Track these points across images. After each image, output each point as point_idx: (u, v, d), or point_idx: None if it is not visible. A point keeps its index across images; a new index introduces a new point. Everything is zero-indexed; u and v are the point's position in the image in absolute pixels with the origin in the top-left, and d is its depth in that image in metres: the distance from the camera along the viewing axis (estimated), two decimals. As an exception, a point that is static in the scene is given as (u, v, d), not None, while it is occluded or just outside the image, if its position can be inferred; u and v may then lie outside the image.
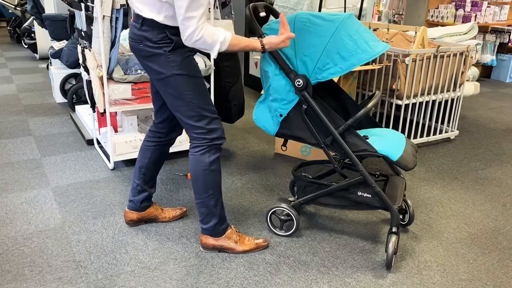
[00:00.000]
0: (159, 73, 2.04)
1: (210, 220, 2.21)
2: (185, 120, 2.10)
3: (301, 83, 2.13)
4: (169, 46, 1.98)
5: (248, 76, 5.62)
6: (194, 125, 2.09)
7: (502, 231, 2.59)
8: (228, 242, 2.26)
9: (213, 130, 2.11)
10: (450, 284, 2.13)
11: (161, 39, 1.97)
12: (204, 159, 2.12)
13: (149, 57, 2.03)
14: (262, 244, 2.32)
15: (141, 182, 2.40)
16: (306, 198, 2.38)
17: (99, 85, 2.92)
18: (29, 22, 7.23)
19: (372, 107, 2.21)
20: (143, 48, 2.02)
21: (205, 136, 2.10)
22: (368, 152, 2.19)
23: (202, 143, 2.11)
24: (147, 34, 1.98)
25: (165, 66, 2.01)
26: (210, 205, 2.18)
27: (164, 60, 2.00)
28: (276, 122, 2.30)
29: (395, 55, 3.48)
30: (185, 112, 2.08)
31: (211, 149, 2.12)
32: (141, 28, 1.99)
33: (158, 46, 1.99)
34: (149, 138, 2.38)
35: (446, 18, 6.13)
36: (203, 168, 2.13)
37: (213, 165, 2.13)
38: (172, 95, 2.06)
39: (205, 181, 2.14)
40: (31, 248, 2.30)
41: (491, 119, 4.71)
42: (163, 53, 1.99)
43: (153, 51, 2.00)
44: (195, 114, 2.07)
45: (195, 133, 2.11)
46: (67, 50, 4.25)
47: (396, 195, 2.33)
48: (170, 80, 2.03)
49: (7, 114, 4.38)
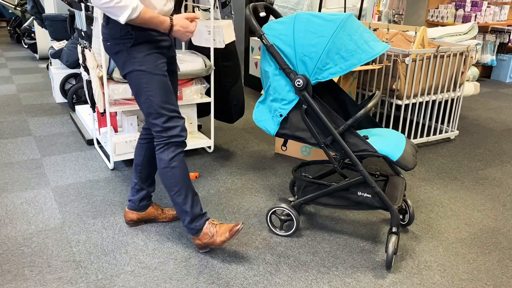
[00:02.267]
0: (123, 69, 2.08)
1: (184, 218, 2.20)
2: (145, 117, 2.14)
3: (301, 83, 2.13)
4: (130, 42, 2.00)
5: (248, 76, 5.62)
6: (152, 123, 2.11)
7: (502, 231, 2.59)
8: (207, 238, 2.22)
9: (170, 128, 2.10)
10: (450, 284, 2.13)
11: (124, 34, 1.99)
12: (164, 157, 2.12)
13: (115, 54, 2.06)
14: (236, 228, 2.18)
15: (138, 180, 2.41)
16: (306, 198, 2.38)
17: (99, 85, 2.92)
18: (29, 22, 7.23)
19: (372, 107, 2.21)
20: (109, 46, 2.06)
21: (162, 134, 2.11)
22: (368, 152, 2.19)
23: (160, 141, 2.12)
24: (111, 31, 2.01)
25: (127, 62, 2.04)
26: (178, 202, 2.18)
27: (126, 56, 2.03)
28: (276, 122, 2.30)
29: (395, 55, 3.48)
30: (144, 109, 2.11)
31: (170, 146, 2.12)
32: (107, 26, 2.02)
33: (121, 42, 2.01)
34: (142, 136, 2.39)
35: (446, 18, 6.13)
36: (164, 166, 2.13)
37: (173, 162, 2.12)
38: (134, 91, 2.10)
39: (168, 179, 2.14)
40: (31, 248, 2.30)
41: (491, 119, 4.71)
42: (125, 49, 2.02)
43: (117, 47, 2.03)
44: (153, 112, 2.08)
45: (154, 130, 2.13)
46: (67, 50, 4.25)
47: (396, 195, 2.34)
48: (131, 76, 2.06)
49: (7, 114, 4.38)
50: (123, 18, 1.89)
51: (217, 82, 3.41)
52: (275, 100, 2.26)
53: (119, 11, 1.87)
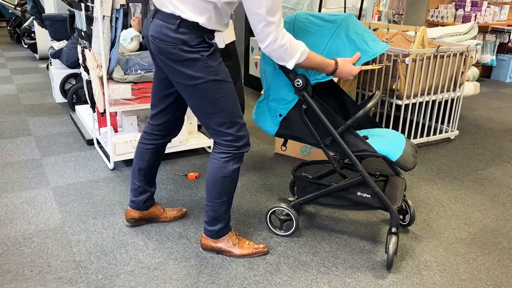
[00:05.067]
0: (194, 78, 1.92)
1: (216, 224, 2.20)
2: (215, 127, 2.03)
3: (300, 83, 2.13)
4: (208, 51, 1.90)
5: (248, 76, 5.62)
6: (225, 132, 2.03)
7: (502, 231, 2.59)
8: (226, 244, 2.25)
9: (242, 137, 2.07)
10: (450, 284, 2.13)
11: (199, 43, 1.87)
12: (228, 166, 2.08)
13: (183, 62, 1.90)
14: (261, 250, 2.28)
15: (142, 183, 2.40)
16: (305, 198, 2.38)
17: (99, 85, 2.92)
18: (29, 22, 7.23)
19: (372, 107, 2.22)
20: (176, 52, 1.88)
21: (234, 144, 2.05)
22: (367, 152, 2.19)
23: (229, 150, 2.07)
24: (184, 37, 1.85)
25: (202, 72, 1.91)
26: (221, 210, 2.17)
27: (201, 66, 1.90)
28: (275, 122, 2.30)
29: (395, 55, 3.48)
30: (217, 119, 2.01)
31: (236, 157, 2.09)
32: (178, 30, 1.85)
33: (196, 51, 1.88)
34: (145, 141, 2.34)
35: (446, 18, 6.13)
36: (225, 175, 2.09)
37: (234, 173, 2.11)
38: (205, 101, 1.97)
39: (223, 188, 2.12)
40: (31, 248, 2.30)
41: (491, 119, 4.72)
42: (201, 57, 1.89)
43: (189, 55, 1.88)
44: (227, 121, 2.01)
45: (223, 139, 2.05)
46: (67, 50, 4.25)
47: (395, 195, 2.33)
48: (205, 85, 1.94)
49: (7, 114, 4.38)
50: (292, 64, 1.89)
51: (217, 82, 3.40)
52: (275, 100, 2.26)
53: (289, 56, 1.87)
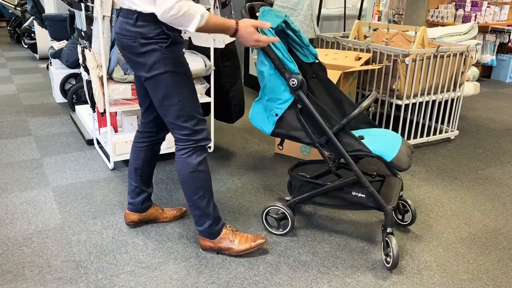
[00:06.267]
0: (152, 69, 1.96)
1: (204, 221, 2.19)
2: (172, 120, 2.04)
3: (295, 82, 2.13)
4: (166, 42, 1.92)
5: (248, 76, 5.62)
6: (181, 126, 2.04)
7: (502, 231, 2.59)
8: (224, 243, 2.24)
9: (199, 131, 2.07)
10: (450, 284, 2.13)
11: (157, 34, 1.90)
12: (191, 161, 2.09)
13: (143, 54, 1.94)
14: (259, 241, 2.25)
15: (139, 184, 2.39)
16: (301, 197, 2.38)
17: (99, 85, 2.92)
18: (29, 22, 7.23)
19: (367, 107, 2.22)
20: (136, 45, 1.94)
21: (191, 138, 2.06)
22: (362, 152, 2.19)
23: (188, 145, 2.08)
24: (142, 30, 1.90)
25: (160, 63, 1.94)
26: (202, 206, 2.16)
27: (159, 57, 1.93)
28: (271, 121, 2.29)
29: (395, 55, 3.48)
30: (174, 112, 2.02)
31: (197, 150, 2.09)
32: (136, 24, 1.90)
33: (154, 42, 1.91)
34: (139, 140, 2.34)
35: (446, 18, 6.13)
36: (191, 170, 2.10)
37: (201, 166, 2.10)
38: (162, 93, 2.00)
39: (194, 183, 2.12)
40: (31, 248, 2.30)
41: (491, 119, 4.71)
42: (159, 48, 1.92)
43: (148, 47, 1.92)
44: (184, 114, 2.02)
45: (181, 134, 2.06)
46: (67, 50, 4.25)
47: (391, 195, 2.33)
48: (163, 77, 1.96)
49: (7, 114, 4.38)
50: (193, 27, 1.82)
51: (217, 82, 3.40)
52: (271, 99, 2.26)
53: (188, 21, 1.80)
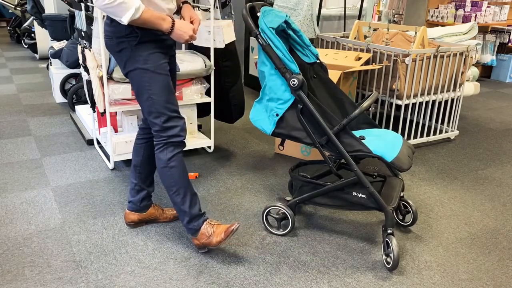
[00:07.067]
0: (126, 66, 2.08)
1: (183, 218, 2.21)
2: (146, 115, 2.14)
3: (296, 82, 2.13)
4: (135, 40, 2.01)
5: (248, 76, 5.62)
6: (152, 122, 2.11)
7: (502, 231, 2.59)
8: (205, 239, 2.22)
9: (170, 128, 2.11)
10: (450, 284, 2.13)
11: (129, 32, 2.00)
12: (162, 157, 2.13)
13: (118, 52, 2.06)
14: (231, 228, 2.18)
15: (138, 181, 2.41)
16: (301, 197, 2.38)
17: (99, 85, 2.92)
18: (29, 22, 7.23)
19: (368, 107, 2.21)
20: (112, 44, 2.06)
21: (161, 134, 2.12)
22: (362, 152, 2.19)
23: (159, 141, 2.13)
24: (116, 29, 2.00)
25: (130, 60, 2.05)
26: (177, 202, 2.18)
27: (129, 54, 2.04)
28: (272, 121, 2.30)
29: (395, 55, 3.48)
30: (146, 108, 2.11)
31: (169, 146, 2.13)
32: (111, 24, 2.01)
33: (126, 40, 2.01)
34: (140, 136, 2.39)
35: (446, 18, 6.13)
36: (162, 166, 2.14)
37: (171, 162, 2.13)
38: (135, 89, 2.11)
39: (168, 179, 2.15)
40: (31, 248, 2.30)
41: (491, 119, 4.71)
42: (129, 47, 2.02)
43: (121, 46, 2.03)
44: (154, 111, 2.09)
45: (153, 130, 2.13)
46: (67, 50, 4.25)
47: (392, 196, 2.33)
48: (134, 74, 2.07)
49: (7, 114, 4.38)
50: (126, 19, 1.88)
51: (217, 82, 3.40)
52: (271, 99, 2.26)
53: (122, 11, 1.87)
